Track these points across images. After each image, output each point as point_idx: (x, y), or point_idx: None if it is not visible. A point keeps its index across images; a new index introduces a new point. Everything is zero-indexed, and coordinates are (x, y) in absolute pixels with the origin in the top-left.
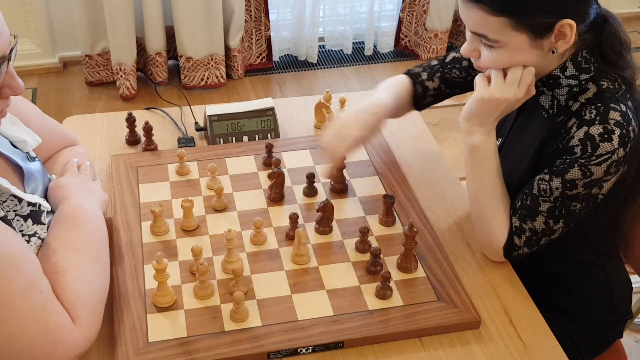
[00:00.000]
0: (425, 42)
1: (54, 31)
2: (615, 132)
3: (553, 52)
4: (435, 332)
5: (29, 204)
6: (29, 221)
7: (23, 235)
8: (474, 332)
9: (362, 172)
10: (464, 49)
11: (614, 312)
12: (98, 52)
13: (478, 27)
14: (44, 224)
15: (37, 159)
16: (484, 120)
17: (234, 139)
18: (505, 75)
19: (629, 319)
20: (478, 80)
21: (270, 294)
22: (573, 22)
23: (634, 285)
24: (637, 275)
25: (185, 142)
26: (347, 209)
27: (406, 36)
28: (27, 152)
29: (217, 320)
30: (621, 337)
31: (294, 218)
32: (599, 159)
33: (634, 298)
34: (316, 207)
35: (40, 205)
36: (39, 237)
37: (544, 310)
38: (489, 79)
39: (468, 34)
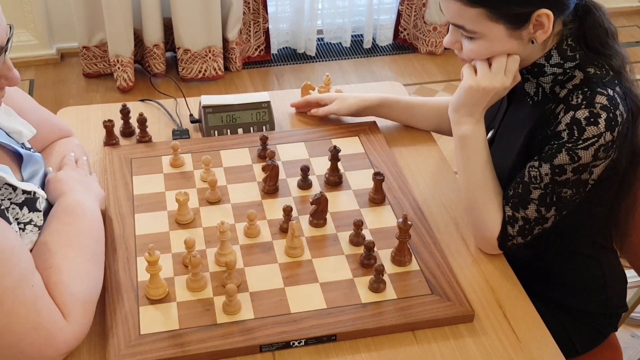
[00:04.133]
0: (424, 35)
1: (52, 22)
2: (602, 115)
3: (533, 42)
4: (428, 325)
5: (24, 192)
6: (25, 209)
7: (19, 223)
8: (467, 325)
9: (357, 165)
10: (446, 41)
11: (608, 305)
12: (95, 44)
13: (456, 19)
14: (40, 211)
15: (33, 150)
16: (472, 110)
17: (228, 131)
18: (490, 64)
19: (624, 312)
20: (465, 70)
21: (263, 287)
22: (550, 12)
23: (629, 280)
24: (632, 269)
25: (180, 134)
26: (342, 202)
27: (405, 29)
28: (22, 144)
29: (209, 312)
30: (616, 330)
31: (287, 211)
32: (586, 143)
33: (629, 292)
34: (310, 200)
35: (35, 192)
36: (35, 225)
37: (538, 304)
38: (475, 70)
39: (450, 26)
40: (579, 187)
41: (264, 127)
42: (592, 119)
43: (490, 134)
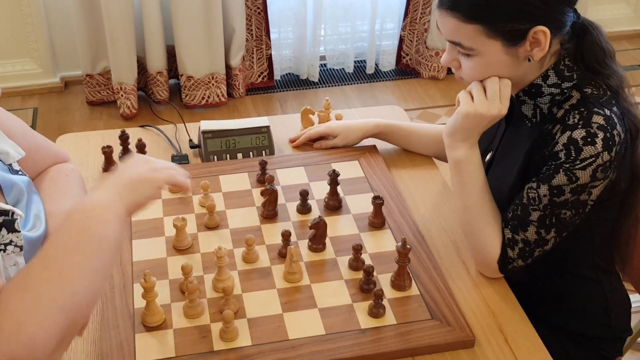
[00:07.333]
0: (426, 60)
1: (55, 51)
2: (599, 135)
3: (529, 60)
4: (428, 351)
5: (1, 212)
6: (4, 230)
7: None
8: (468, 351)
9: (357, 189)
10: (444, 59)
11: (611, 329)
12: (99, 72)
13: (453, 35)
14: (19, 232)
15: (21, 173)
16: (467, 135)
17: (228, 156)
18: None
19: (629, 337)
20: (462, 96)
21: (261, 313)
22: (546, 29)
23: (633, 304)
24: (637, 294)
25: (179, 159)
26: (341, 226)
27: (407, 54)
28: (10, 165)
29: (206, 339)
30: (621, 355)
31: (286, 235)
32: (583, 163)
33: (634, 317)
34: (309, 224)
35: (13, 212)
36: (15, 245)
37: (540, 328)
38: (472, 95)
39: (447, 44)
40: (578, 208)
41: (263, 152)
42: (589, 139)
43: (488, 157)
